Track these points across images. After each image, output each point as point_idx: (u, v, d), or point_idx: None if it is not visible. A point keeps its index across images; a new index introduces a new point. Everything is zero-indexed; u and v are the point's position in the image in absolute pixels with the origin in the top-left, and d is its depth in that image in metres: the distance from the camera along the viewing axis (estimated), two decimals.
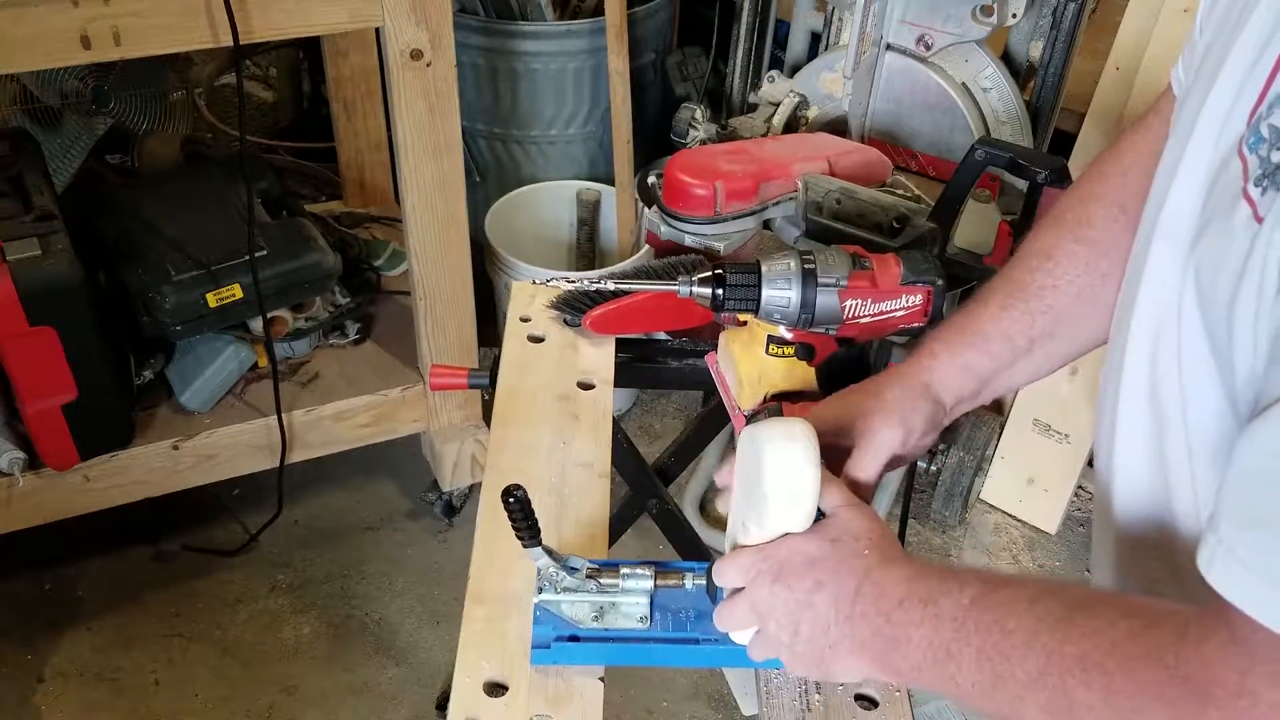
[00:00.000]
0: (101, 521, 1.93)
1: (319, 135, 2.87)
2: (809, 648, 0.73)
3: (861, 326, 0.96)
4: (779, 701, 0.80)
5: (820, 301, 0.94)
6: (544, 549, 0.77)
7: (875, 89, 1.88)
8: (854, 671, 0.74)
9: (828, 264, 0.95)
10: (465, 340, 1.99)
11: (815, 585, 0.73)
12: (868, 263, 0.96)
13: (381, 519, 2.26)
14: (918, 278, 0.97)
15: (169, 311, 1.83)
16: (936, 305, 0.97)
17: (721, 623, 0.78)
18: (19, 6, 1.39)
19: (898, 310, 0.97)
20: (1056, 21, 1.76)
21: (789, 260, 0.95)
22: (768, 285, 0.94)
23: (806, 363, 0.98)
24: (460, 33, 1.86)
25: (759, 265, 0.95)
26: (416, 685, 1.95)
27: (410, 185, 1.78)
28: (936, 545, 2.26)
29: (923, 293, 0.97)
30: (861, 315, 0.95)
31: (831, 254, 0.96)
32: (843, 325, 0.96)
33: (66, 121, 2.28)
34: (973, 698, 0.64)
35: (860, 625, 0.71)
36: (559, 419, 1.05)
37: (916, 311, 0.97)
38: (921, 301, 0.97)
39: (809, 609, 0.73)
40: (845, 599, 0.72)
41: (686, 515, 1.80)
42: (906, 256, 0.98)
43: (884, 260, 0.97)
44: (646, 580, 0.81)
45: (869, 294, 0.95)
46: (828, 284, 0.94)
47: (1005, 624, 0.63)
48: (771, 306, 0.94)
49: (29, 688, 1.91)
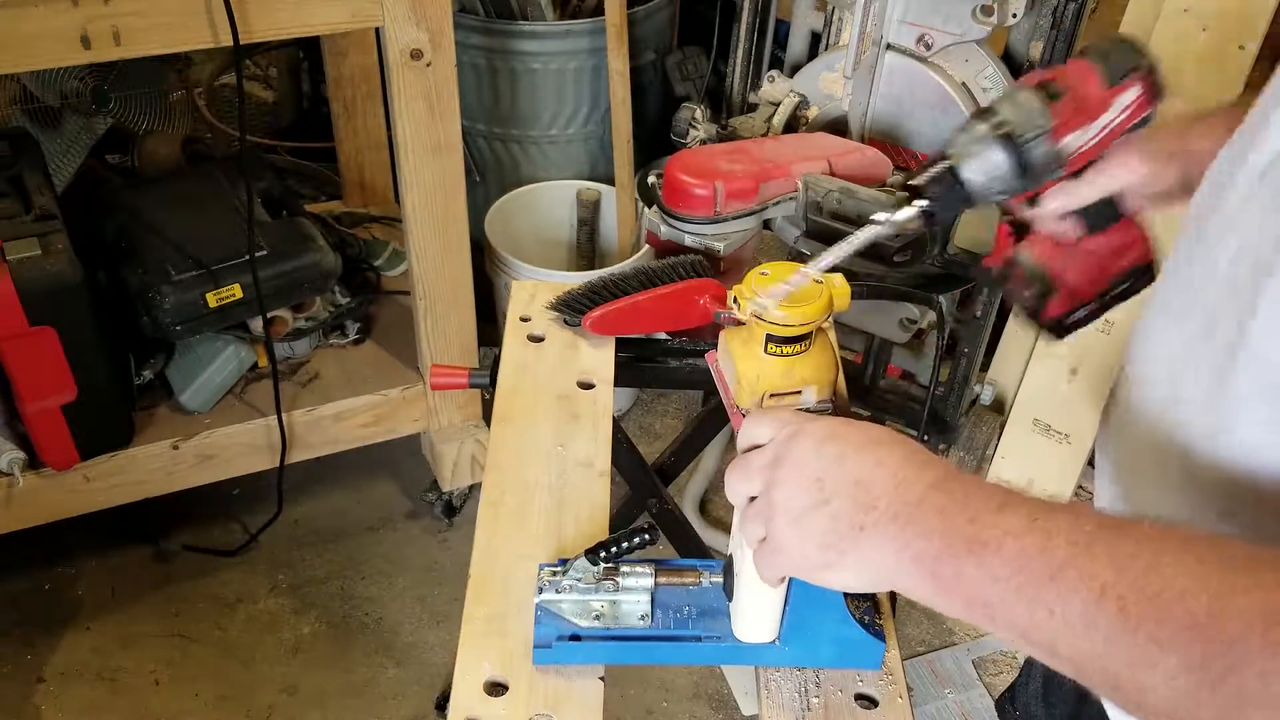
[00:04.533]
0: (101, 521, 1.93)
1: (319, 135, 2.87)
2: (831, 522, 0.62)
3: (1090, 151, 0.87)
4: (778, 701, 0.80)
5: (1036, 156, 0.83)
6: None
7: (875, 89, 1.88)
8: (869, 573, 0.62)
9: (1020, 116, 0.84)
10: (465, 340, 1.99)
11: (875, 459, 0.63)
12: (1057, 87, 0.85)
13: (381, 519, 2.26)
14: (1125, 73, 0.85)
15: (169, 311, 1.83)
16: (1157, 85, 0.87)
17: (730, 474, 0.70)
18: (19, 6, 1.39)
19: (1118, 117, 0.86)
20: (1056, 21, 1.76)
21: (977, 131, 0.84)
22: (968, 170, 0.84)
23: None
24: (460, 33, 1.86)
25: (947, 156, 0.85)
26: (416, 685, 1.95)
27: (410, 185, 1.78)
28: None
29: (1138, 83, 0.85)
30: (1085, 144, 0.86)
31: (1018, 100, 0.85)
32: (1070, 162, 0.87)
33: (66, 121, 2.28)
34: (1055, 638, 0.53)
35: (926, 512, 0.59)
36: (559, 418, 1.06)
37: (1139, 104, 0.87)
38: (1140, 93, 0.86)
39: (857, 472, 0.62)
40: (912, 479, 0.61)
41: (686, 515, 1.80)
42: (1096, 53, 0.87)
43: (1078, 71, 0.86)
44: (647, 579, 0.81)
45: (1080, 120, 0.85)
46: (1032, 137, 0.83)
47: (1158, 560, 0.50)
48: (987, 191, 0.84)
49: (29, 688, 1.91)
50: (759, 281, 0.84)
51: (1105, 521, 0.54)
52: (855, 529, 0.61)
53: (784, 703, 0.80)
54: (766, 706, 0.80)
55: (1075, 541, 0.53)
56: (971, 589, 0.56)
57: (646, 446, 2.37)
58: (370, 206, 2.52)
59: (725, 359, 0.95)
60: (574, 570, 0.81)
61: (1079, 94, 0.84)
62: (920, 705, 1.92)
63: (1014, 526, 0.55)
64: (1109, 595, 0.50)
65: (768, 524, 0.66)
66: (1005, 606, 0.55)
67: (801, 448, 0.66)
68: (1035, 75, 0.87)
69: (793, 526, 0.64)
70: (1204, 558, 0.49)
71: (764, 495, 0.67)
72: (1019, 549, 0.54)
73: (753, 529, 0.68)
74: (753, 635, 0.80)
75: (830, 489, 0.63)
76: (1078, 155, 0.86)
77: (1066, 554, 0.53)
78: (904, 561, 0.59)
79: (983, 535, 0.56)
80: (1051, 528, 0.54)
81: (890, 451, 0.63)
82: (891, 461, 0.63)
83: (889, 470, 0.62)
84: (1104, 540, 0.52)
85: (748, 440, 0.71)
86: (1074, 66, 0.86)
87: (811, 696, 0.81)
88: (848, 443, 0.65)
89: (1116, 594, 0.50)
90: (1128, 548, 0.51)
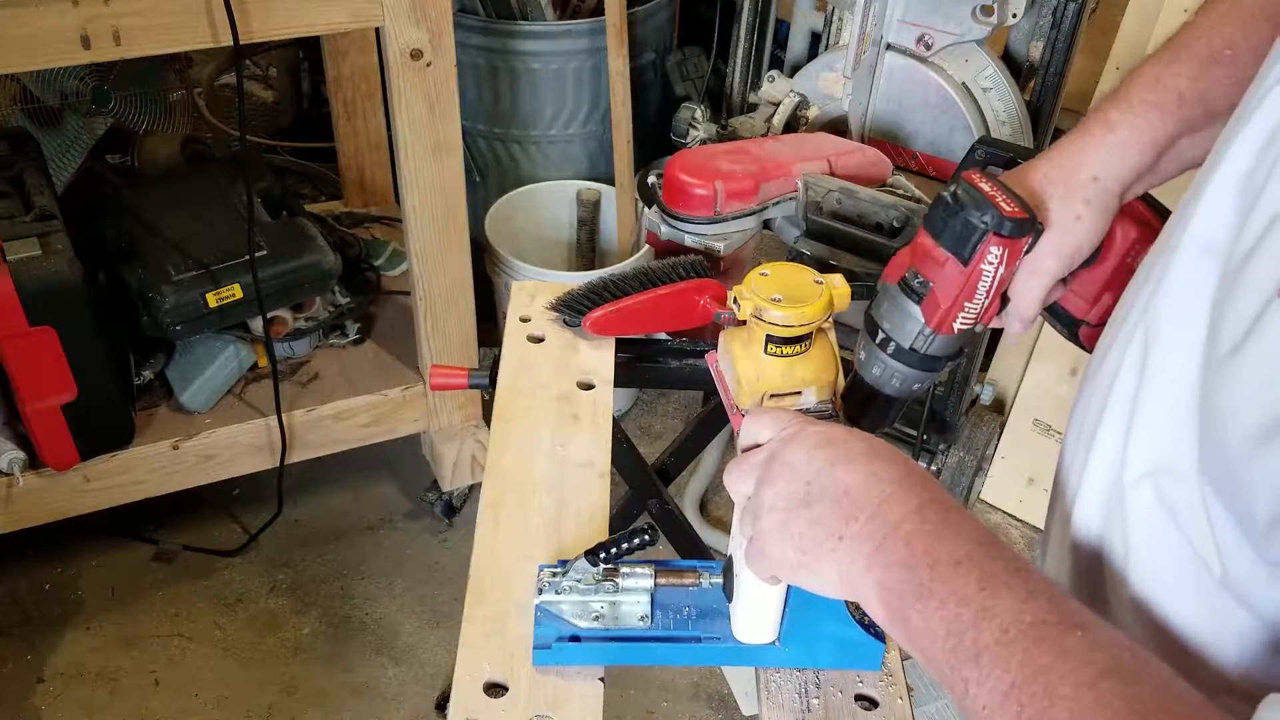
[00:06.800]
0: (101, 521, 1.93)
1: (319, 135, 2.87)
2: (811, 527, 0.62)
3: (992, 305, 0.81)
4: (778, 701, 0.80)
5: (936, 348, 0.82)
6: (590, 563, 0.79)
7: (875, 89, 1.88)
8: (840, 582, 0.62)
9: (899, 330, 0.83)
10: (465, 340, 1.99)
11: (869, 471, 0.62)
12: (921, 279, 0.81)
13: (381, 519, 2.26)
14: (974, 245, 0.76)
15: (169, 311, 1.83)
16: (1016, 231, 0.76)
17: (729, 472, 0.70)
18: (19, 6, 1.39)
19: (994, 278, 0.78)
20: (1056, 21, 1.76)
21: (872, 350, 0.85)
22: (878, 383, 0.85)
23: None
24: (460, 33, 1.86)
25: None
26: (416, 685, 1.95)
27: (410, 185, 1.78)
28: None
29: (992, 245, 0.76)
30: (980, 311, 0.81)
31: (893, 310, 0.84)
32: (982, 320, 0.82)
33: (66, 121, 2.28)
34: (970, 709, 0.55)
35: (896, 542, 0.59)
36: (559, 419, 1.05)
37: (1007, 256, 0.77)
38: (1002, 250, 0.76)
39: (848, 481, 0.62)
40: (897, 500, 0.61)
41: (686, 515, 1.80)
42: (936, 225, 0.79)
43: (931, 254, 0.80)
44: (647, 579, 0.81)
45: (959, 303, 0.80)
46: (922, 342, 0.82)
47: (1056, 687, 0.50)
48: (908, 391, 0.84)
49: (29, 688, 1.91)
50: (759, 283, 0.84)
51: (1044, 618, 0.53)
52: (834, 537, 0.62)
53: (784, 703, 0.80)
54: (766, 707, 0.80)
55: (1005, 630, 0.53)
56: (911, 632, 0.57)
57: (646, 446, 2.37)
58: (370, 206, 2.52)
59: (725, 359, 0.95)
60: (574, 571, 0.81)
61: (943, 280, 0.80)
62: (920, 706, 1.92)
63: (962, 590, 0.56)
64: (1012, 698, 0.51)
65: (754, 522, 0.67)
66: (935, 661, 0.56)
67: (797, 449, 0.66)
68: (898, 263, 0.84)
69: (776, 525, 0.64)
70: (1102, 700, 0.49)
71: (755, 492, 0.67)
72: (956, 616, 0.55)
73: (744, 526, 0.69)
74: (752, 636, 0.80)
75: (817, 493, 0.63)
76: (984, 314, 0.81)
77: (993, 640, 0.53)
78: (868, 582, 0.60)
79: (934, 586, 0.57)
80: (992, 606, 0.54)
81: (886, 467, 0.63)
82: (885, 478, 0.62)
83: (880, 486, 0.62)
84: (1031, 640, 0.53)
85: (749, 439, 0.71)
86: (925, 247, 0.80)
87: (811, 697, 0.80)
88: (844, 451, 0.65)
89: (1017, 700, 0.51)
90: (1045, 659, 0.52)
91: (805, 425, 0.68)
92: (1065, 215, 0.80)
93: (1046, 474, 2.23)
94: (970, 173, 0.79)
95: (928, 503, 0.61)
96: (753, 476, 0.68)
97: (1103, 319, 0.92)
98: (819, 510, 0.63)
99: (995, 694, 0.52)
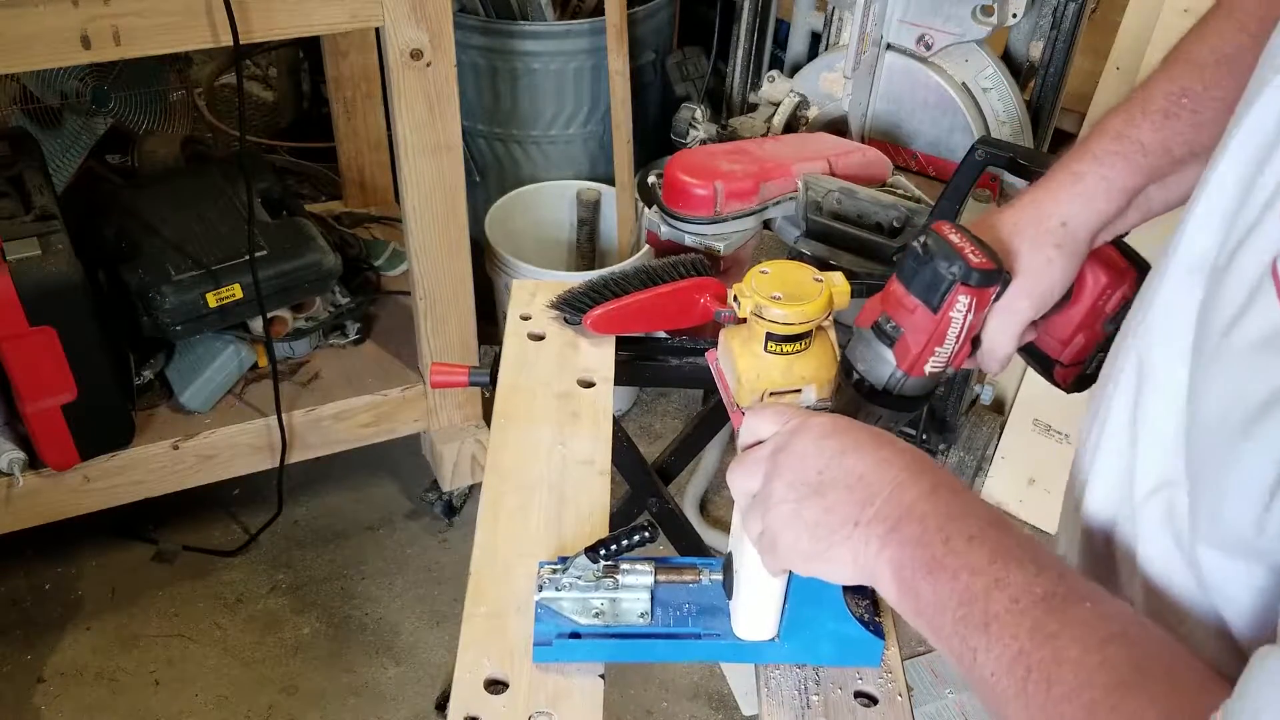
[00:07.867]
0: (101, 521, 1.93)
1: (319, 135, 2.87)
2: (826, 514, 0.63)
3: (963, 349, 0.84)
4: (778, 698, 0.80)
5: (909, 389, 0.85)
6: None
7: (875, 89, 1.88)
8: (855, 567, 0.63)
9: (873, 372, 0.85)
10: (465, 340, 1.99)
11: (880, 458, 0.64)
12: (893, 324, 0.83)
13: (381, 519, 2.26)
14: (943, 294, 0.79)
15: (169, 311, 1.83)
16: (983, 281, 0.79)
17: (733, 470, 0.70)
18: (19, 6, 1.39)
19: (963, 325, 0.81)
20: (1056, 21, 1.76)
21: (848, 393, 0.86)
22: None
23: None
24: (460, 33, 1.86)
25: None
26: (416, 685, 1.95)
27: (410, 185, 1.78)
28: None
29: (960, 295, 0.79)
30: (951, 354, 0.83)
31: (867, 352, 0.86)
32: (953, 363, 0.84)
33: (66, 121, 2.29)
34: (976, 678, 0.56)
35: (910, 520, 0.61)
36: (559, 417, 1.06)
37: (976, 304, 0.80)
38: (970, 299, 0.79)
39: (860, 468, 0.63)
40: (909, 483, 0.62)
41: (686, 514, 1.80)
42: (908, 273, 0.82)
43: (903, 301, 0.82)
44: (647, 576, 0.81)
45: (930, 348, 0.82)
46: (895, 383, 0.84)
47: (1064, 650, 0.52)
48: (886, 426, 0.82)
49: (29, 688, 1.91)
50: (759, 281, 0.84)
51: (1054, 590, 0.55)
52: (849, 523, 0.63)
53: (784, 700, 0.80)
54: (766, 704, 0.80)
55: (1016, 600, 0.55)
56: (922, 605, 0.59)
57: (646, 446, 2.37)
58: (370, 206, 2.52)
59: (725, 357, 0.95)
60: (574, 568, 0.81)
61: (914, 326, 0.82)
62: (920, 705, 1.92)
63: (974, 563, 0.58)
64: (1019, 662, 0.53)
65: (764, 515, 0.67)
66: (944, 632, 0.58)
67: (804, 440, 0.67)
68: (871, 307, 0.86)
69: (789, 515, 0.65)
70: (1109, 663, 0.51)
71: (764, 485, 0.67)
72: (967, 587, 0.57)
73: (752, 524, 0.69)
74: (752, 632, 0.80)
75: (829, 481, 0.64)
76: (954, 358, 0.84)
77: (1003, 609, 0.55)
78: (881, 561, 0.62)
79: (947, 560, 0.58)
80: (1004, 578, 0.56)
81: (896, 454, 0.65)
82: (896, 463, 0.64)
83: (892, 471, 0.63)
84: (1041, 610, 0.54)
85: (750, 435, 0.72)
86: (897, 294, 0.83)
87: (811, 694, 0.81)
88: (852, 439, 0.66)
89: (1025, 664, 0.53)
90: (1053, 626, 0.53)
91: (809, 417, 0.69)
92: (1036, 260, 0.83)
93: (1047, 474, 2.23)
94: (940, 224, 0.81)
95: (939, 484, 0.62)
96: (759, 471, 0.68)
97: (1076, 358, 0.95)
98: (832, 498, 0.64)
99: (1003, 659, 0.54)
